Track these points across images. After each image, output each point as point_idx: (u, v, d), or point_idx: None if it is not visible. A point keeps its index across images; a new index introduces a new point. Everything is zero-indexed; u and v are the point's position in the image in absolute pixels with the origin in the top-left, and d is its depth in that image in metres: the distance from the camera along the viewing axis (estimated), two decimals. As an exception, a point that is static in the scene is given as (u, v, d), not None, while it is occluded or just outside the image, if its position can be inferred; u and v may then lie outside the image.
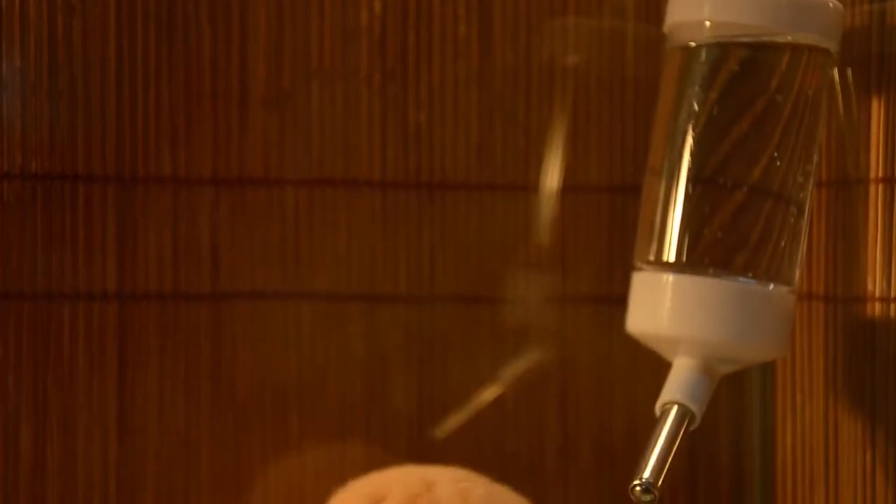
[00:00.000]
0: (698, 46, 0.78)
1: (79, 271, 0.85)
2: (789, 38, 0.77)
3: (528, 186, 0.91)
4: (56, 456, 0.85)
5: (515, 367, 0.91)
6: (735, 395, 0.92)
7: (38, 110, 0.85)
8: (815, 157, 0.79)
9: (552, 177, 0.91)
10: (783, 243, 0.78)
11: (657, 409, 0.77)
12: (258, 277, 0.87)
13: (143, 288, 0.86)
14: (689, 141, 0.78)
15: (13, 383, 0.84)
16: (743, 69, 0.78)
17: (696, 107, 0.78)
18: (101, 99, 0.86)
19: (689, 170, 0.78)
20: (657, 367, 0.79)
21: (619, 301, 0.82)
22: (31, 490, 0.85)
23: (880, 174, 0.80)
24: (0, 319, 0.84)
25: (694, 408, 0.76)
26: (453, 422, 0.91)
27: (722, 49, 0.78)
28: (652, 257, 0.79)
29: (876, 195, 0.80)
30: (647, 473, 0.74)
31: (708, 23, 0.77)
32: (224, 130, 0.87)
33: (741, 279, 0.77)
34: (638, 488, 0.74)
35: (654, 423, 0.76)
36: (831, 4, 0.77)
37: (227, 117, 0.87)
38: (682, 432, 0.76)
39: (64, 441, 0.85)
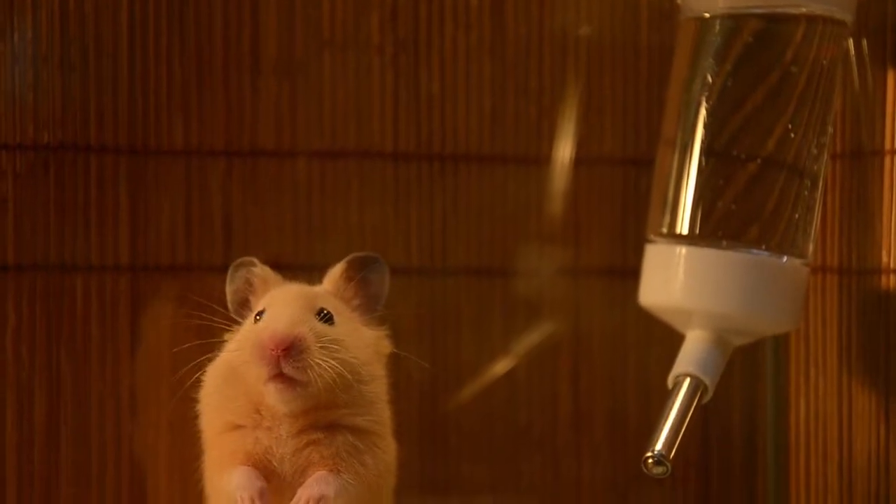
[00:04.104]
0: (712, 17, 0.78)
1: (91, 243, 0.85)
2: (804, 10, 0.77)
3: (541, 158, 0.91)
4: (69, 427, 0.85)
5: (528, 340, 0.91)
6: (748, 367, 0.92)
7: (51, 82, 0.85)
8: (830, 129, 0.79)
9: (565, 148, 0.91)
10: (797, 215, 0.78)
11: (670, 382, 0.77)
12: (270, 249, 0.87)
13: (156, 260, 0.86)
14: (703, 113, 0.78)
15: (27, 354, 0.85)
16: (757, 40, 0.77)
17: (710, 78, 0.78)
18: (113, 70, 0.86)
19: (703, 142, 0.78)
20: (670, 339, 0.79)
21: (631, 273, 0.82)
22: (44, 460, 0.85)
23: (895, 146, 0.80)
24: (14, 291, 0.84)
25: (706, 380, 0.76)
26: (465, 394, 0.91)
27: (736, 20, 0.77)
28: (665, 229, 0.78)
29: (891, 167, 0.80)
30: (659, 445, 0.74)
31: (722, -7, 0.77)
32: (236, 102, 0.87)
33: (754, 251, 0.77)
34: (650, 460, 0.74)
35: (666, 396, 0.76)
36: (846, -25, 0.77)
37: (240, 88, 0.87)
38: (694, 404, 0.76)
39: (77, 412, 0.85)
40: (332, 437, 0.68)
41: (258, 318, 0.69)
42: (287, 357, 0.66)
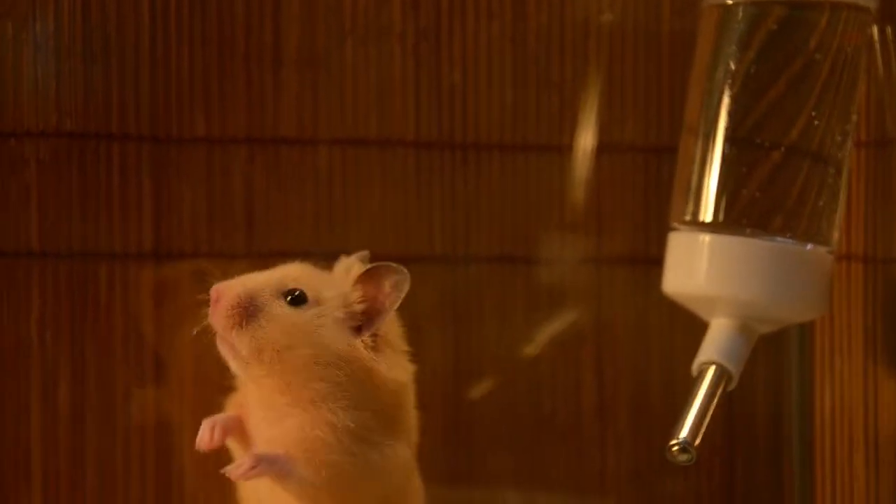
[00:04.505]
0: (735, 4, 0.78)
1: (114, 231, 0.86)
2: (828, -4, 0.77)
3: (563, 146, 0.91)
4: (94, 413, 0.85)
5: (551, 329, 0.91)
6: (773, 355, 0.92)
7: (73, 70, 0.85)
8: (854, 117, 0.78)
9: (587, 137, 0.91)
10: (821, 203, 0.77)
11: (694, 370, 0.77)
12: (292, 237, 0.87)
13: (179, 247, 0.87)
14: (726, 100, 0.77)
15: (51, 341, 0.85)
16: (781, 27, 0.77)
17: (733, 66, 0.77)
18: (135, 59, 0.86)
19: (726, 129, 0.77)
20: (694, 328, 0.79)
21: (655, 261, 0.82)
22: (69, 447, 0.85)
23: (920, 133, 0.80)
24: (38, 278, 0.85)
25: (731, 368, 0.76)
26: (488, 383, 0.91)
27: (760, 7, 0.77)
28: (688, 217, 0.78)
29: (915, 154, 0.80)
30: (684, 433, 0.74)
31: (745, -20, 0.77)
32: (258, 90, 0.87)
33: (779, 239, 0.77)
34: (675, 448, 0.74)
35: (691, 384, 0.76)
36: (871, -39, 0.77)
37: (261, 77, 0.87)
38: (719, 392, 0.76)
39: (102, 398, 0.86)
40: (282, 422, 0.68)
41: None
42: (214, 310, 0.68)
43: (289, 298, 0.68)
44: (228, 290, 0.67)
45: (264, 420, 0.68)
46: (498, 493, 0.91)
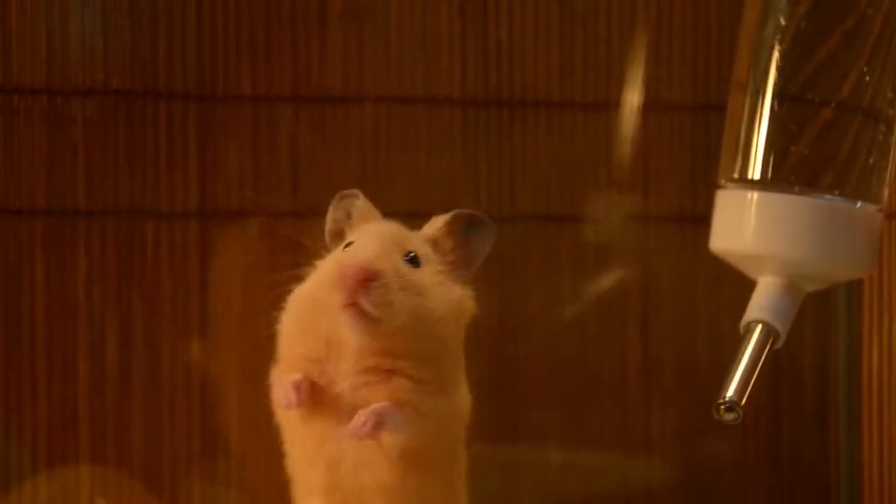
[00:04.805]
0: (786, -43, 0.77)
1: (160, 188, 0.86)
2: (881, -52, 0.76)
3: (610, 104, 0.90)
4: (141, 371, 0.86)
5: (597, 287, 0.91)
6: (820, 314, 0.91)
7: (120, 27, 0.85)
8: (906, 74, 0.77)
9: (634, 94, 0.90)
10: (872, 161, 0.76)
11: (741, 328, 0.76)
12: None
13: (224, 205, 0.87)
14: (776, 56, 0.76)
15: (98, 300, 0.86)
16: (832, -19, 0.76)
17: (783, 21, 0.76)
18: (181, 16, 0.86)
19: (776, 86, 0.76)
20: (740, 286, 0.78)
21: (702, 220, 0.81)
22: (117, 405, 0.86)
23: (973, 89, 0.79)
24: (84, 236, 0.85)
25: (779, 326, 0.75)
26: (534, 342, 0.91)
27: (810, -39, 0.76)
28: (736, 175, 0.78)
29: (968, 110, 0.79)
30: (730, 392, 0.73)
31: (797, -68, 0.76)
32: (304, 47, 0.87)
33: (827, 197, 0.76)
34: (722, 407, 0.73)
35: (737, 343, 0.76)
36: (926, -88, 0.76)
37: (307, 34, 0.87)
38: (766, 351, 0.75)
39: (148, 356, 0.86)
40: (388, 382, 0.68)
41: (346, 248, 0.69)
42: (364, 288, 0.66)
43: (406, 258, 0.69)
44: (372, 267, 0.66)
45: (365, 385, 0.68)
46: (542, 451, 0.91)
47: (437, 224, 0.71)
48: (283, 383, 0.67)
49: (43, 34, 0.85)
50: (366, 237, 0.69)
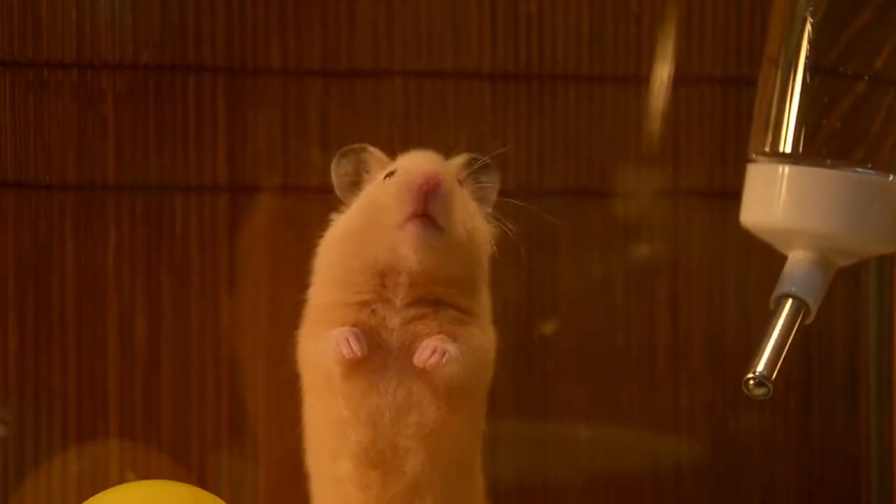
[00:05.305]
0: (819, -70, 0.76)
1: (190, 163, 0.86)
2: (915, -80, 0.75)
3: (640, 78, 0.90)
4: (170, 345, 0.86)
5: (626, 262, 0.91)
6: (851, 288, 0.91)
7: (149, 2, 0.85)
8: (939, 47, 0.77)
9: (665, 67, 0.90)
10: (904, 134, 0.76)
11: (772, 303, 0.76)
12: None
13: (254, 179, 0.87)
14: (808, 29, 0.76)
15: (128, 274, 0.86)
16: (865, -45, 0.76)
17: (815, -7, 0.76)
18: (211, -11, 0.86)
19: (808, 59, 0.76)
20: (771, 261, 0.78)
21: (732, 194, 0.81)
22: (146, 379, 0.86)
23: None
24: (114, 211, 0.85)
25: (809, 301, 0.75)
26: (562, 317, 0.90)
27: (843, -67, 0.76)
28: (767, 148, 0.77)
29: None
30: (760, 367, 0.73)
31: None
32: (333, 21, 0.87)
33: (859, 170, 0.75)
34: (752, 382, 0.73)
35: (767, 318, 0.75)
36: None
37: (337, 8, 0.87)
38: (797, 326, 0.75)
39: (177, 330, 0.86)
40: (437, 312, 0.67)
41: (387, 178, 0.68)
42: (434, 195, 0.65)
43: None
44: (441, 173, 0.66)
45: (416, 319, 0.67)
46: (570, 427, 0.91)
47: (457, 163, 0.71)
48: (336, 335, 0.66)
49: (73, 8, 0.85)
50: (414, 159, 0.68)
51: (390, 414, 0.67)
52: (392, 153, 0.70)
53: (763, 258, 0.81)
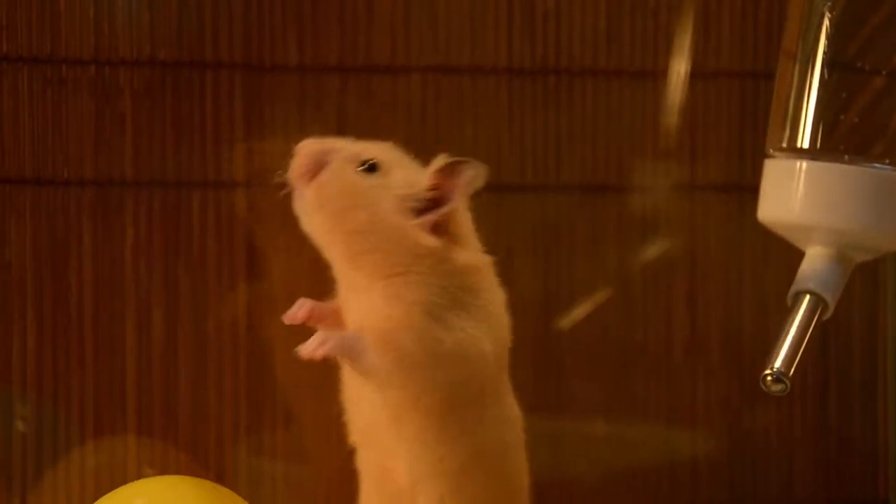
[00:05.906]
0: (837, -76, 0.76)
1: (207, 159, 0.86)
2: (934, -86, 0.75)
3: (657, 72, 0.90)
4: (187, 340, 0.86)
5: (643, 257, 0.91)
6: (869, 284, 0.91)
7: (167, -1, 0.85)
8: (958, 43, 0.76)
9: (682, 62, 0.90)
10: (923, 130, 0.76)
11: (789, 299, 0.76)
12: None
13: (271, 176, 0.87)
14: (826, 23, 0.76)
15: (145, 270, 0.86)
16: (883, -51, 0.75)
17: (834, -12, 0.76)
18: (228, -14, 0.86)
19: (826, 54, 0.76)
20: (788, 256, 0.78)
21: (749, 189, 0.81)
22: (163, 374, 0.86)
23: None
24: (132, 207, 0.86)
25: (827, 297, 0.75)
26: (579, 313, 0.90)
27: (861, -73, 0.76)
28: (785, 144, 0.77)
29: None
30: (778, 363, 0.73)
31: None
32: (350, 17, 0.87)
33: (878, 166, 0.75)
34: (769, 378, 0.73)
35: (784, 314, 0.75)
36: None
37: (354, 4, 0.87)
38: (814, 322, 0.75)
39: (195, 325, 0.86)
40: (357, 299, 0.69)
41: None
42: (293, 163, 0.71)
43: (360, 167, 0.69)
44: (309, 145, 0.69)
45: (347, 301, 0.69)
46: (587, 423, 0.91)
47: (436, 164, 0.71)
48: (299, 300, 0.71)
49: (91, 5, 0.85)
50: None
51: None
52: (409, 148, 0.70)
53: (780, 253, 0.80)
